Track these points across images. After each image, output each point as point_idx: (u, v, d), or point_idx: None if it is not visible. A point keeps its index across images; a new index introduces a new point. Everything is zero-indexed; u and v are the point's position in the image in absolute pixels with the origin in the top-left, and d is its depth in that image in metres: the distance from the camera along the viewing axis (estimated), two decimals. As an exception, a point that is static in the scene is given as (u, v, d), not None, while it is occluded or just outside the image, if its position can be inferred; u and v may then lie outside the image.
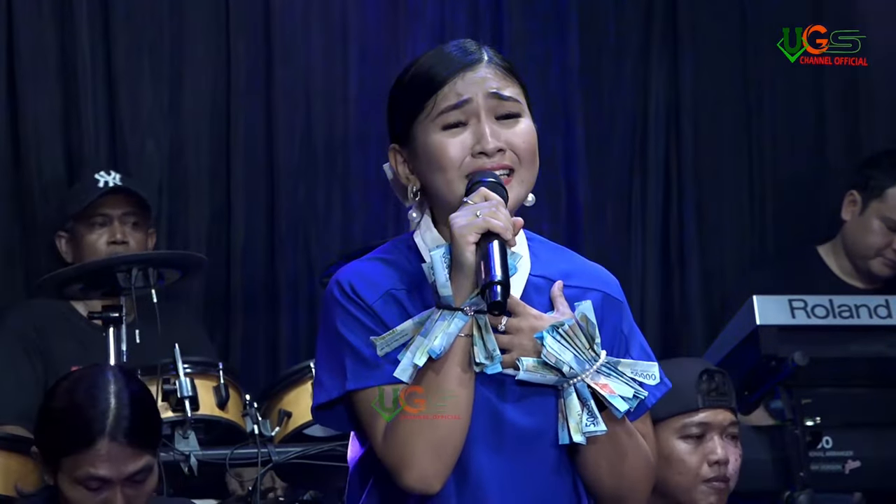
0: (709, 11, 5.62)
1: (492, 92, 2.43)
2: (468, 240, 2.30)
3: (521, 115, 2.45)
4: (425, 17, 5.40)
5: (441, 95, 2.43)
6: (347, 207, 5.36)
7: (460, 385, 2.34)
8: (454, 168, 2.41)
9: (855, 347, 4.25)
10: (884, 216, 4.90)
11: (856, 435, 4.29)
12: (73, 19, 5.14)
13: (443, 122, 2.43)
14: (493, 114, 2.43)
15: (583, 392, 2.37)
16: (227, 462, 4.17)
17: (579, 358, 2.37)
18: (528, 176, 2.45)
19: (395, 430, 2.35)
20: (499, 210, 2.32)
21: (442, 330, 2.31)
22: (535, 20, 5.48)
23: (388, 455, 2.35)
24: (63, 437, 3.25)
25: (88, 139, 5.13)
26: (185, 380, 4.18)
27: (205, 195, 5.30)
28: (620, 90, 5.57)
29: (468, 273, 2.31)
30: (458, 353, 2.33)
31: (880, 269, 4.93)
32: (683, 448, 3.50)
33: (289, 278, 5.29)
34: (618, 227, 5.52)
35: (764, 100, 5.64)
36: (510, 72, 2.47)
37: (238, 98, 5.30)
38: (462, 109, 2.42)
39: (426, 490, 2.35)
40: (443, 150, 2.42)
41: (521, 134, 2.44)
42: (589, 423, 2.37)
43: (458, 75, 2.43)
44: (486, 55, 2.46)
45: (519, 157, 2.43)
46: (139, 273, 4.22)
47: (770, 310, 4.21)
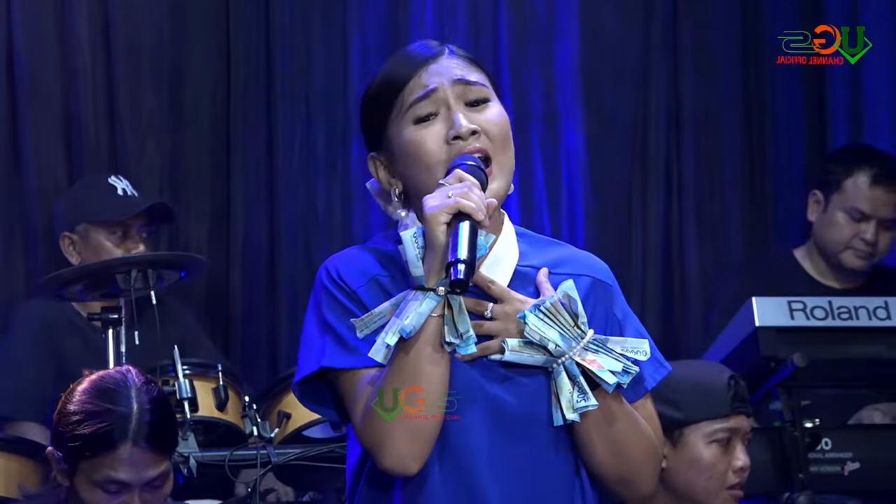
0: (710, 12, 5.61)
1: (457, 78, 2.44)
2: (439, 220, 2.30)
3: (489, 99, 2.45)
4: (425, 19, 5.40)
5: (407, 90, 2.44)
6: (347, 208, 5.37)
7: (432, 364, 2.33)
8: (433, 159, 2.42)
9: (854, 349, 4.24)
10: (845, 208, 4.89)
11: (855, 436, 4.29)
12: (73, 19, 5.15)
13: (413, 115, 2.44)
14: (462, 100, 2.43)
15: (571, 369, 2.37)
16: (227, 463, 4.17)
17: (565, 335, 2.37)
18: (506, 160, 2.45)
19: (370, 411, 2.36)
20: (471, 191, 2.31)
21: (413, 310, 2.31)
22: (536, 23, 5.48)
23: (365, 436, 2.37)
24: (84, 440, 3.23)
25: (89, 140, 5.13)
26: (184, 381, 4.18)
27: (205, 196, 5.30)
28: (621, 92, 5.56)
29: (440, 253, 2.31)
30: (430, 332, 2.32)
31: (853, 261, 4.91)
32: (712, 453, 3.48)
33: (289, 279, 5.30)
34: (618, 230, 5.52)
35: (766, 101, 5.63)
36: (473, 62, 2.48)
37: (238, 98, 5.30)
38: (430, 99, 2.43)
39: (404, 471, 2.36)
40: (419, 143, 2.43)
41: (494, 118, 2.44)
42: (580, 399, 2.36)
43: (422, 68, 2.44)
44: (447, 48, 2.48)
45: (493, 142, 2.43)
46: (139, 274, 4.21)
47: (769, 311, 4.21)
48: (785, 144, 5.63)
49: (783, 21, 5.47)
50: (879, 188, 4.87)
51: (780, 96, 5.62)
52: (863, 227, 4.87)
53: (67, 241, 4.83)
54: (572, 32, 5.51)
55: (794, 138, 5.64)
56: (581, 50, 5.51)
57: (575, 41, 5.51)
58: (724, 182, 5.62)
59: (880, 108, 5.65)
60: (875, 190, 4.87)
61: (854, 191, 4.88)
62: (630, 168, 5.55)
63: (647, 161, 5.55)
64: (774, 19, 5.57)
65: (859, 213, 4.87)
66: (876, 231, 4.87)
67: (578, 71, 5.52)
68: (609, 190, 5.53)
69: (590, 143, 5.50)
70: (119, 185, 4.81)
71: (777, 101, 5.63)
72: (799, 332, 4.20)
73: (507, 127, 2.45)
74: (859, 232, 4.88)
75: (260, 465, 4.14)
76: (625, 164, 5.55)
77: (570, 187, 5.48)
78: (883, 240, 4.90)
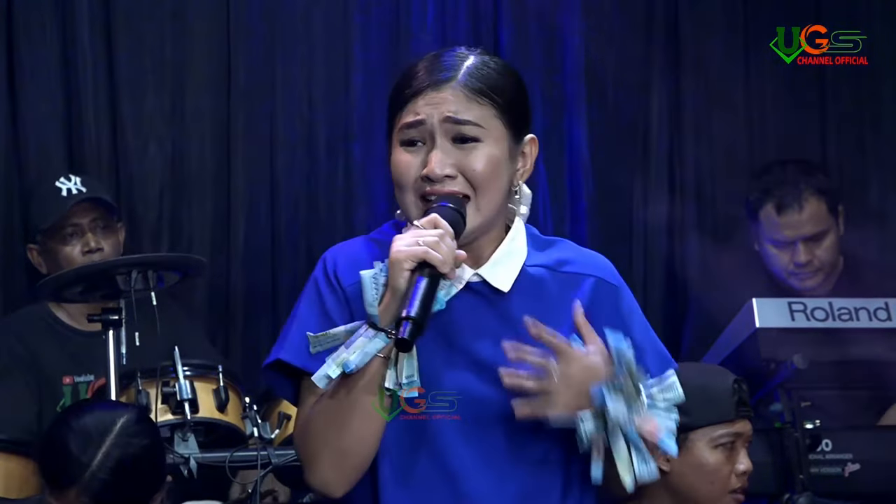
0: (710, 12, 5.60)
1: (447, 115, 2.41)
2: (402, 266, 2.31)
3: (479, 139, 2.43)
4: (426, 21, 5.40)
5: (404, 111, 2.45)
6: (349, 209, 5.36)
7: (368, 403, 2.35)
8: (407, 183, 2.43)
9: (854, 350, 4.24)
10: (769, 239, 4.90)
11: (855, 438, 4.28)
12: (75, 22, 5.15)
13: (401, 137, 2.45)
14: (449, 136, 2.42)
15: (632, 437, 2.37)
16: (227, 465, 4.17)
17: (631, 407, 2.37)
18: (486, 203, 2.43)
19: (306, 427, 2.39)
20: (442, 241, 2.31)
21: (360, 347, 2.33)
22: (537, 23, 5.48)
23: (297, 447, 2.43)
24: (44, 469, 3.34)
25: (90, 143, 5.14)
26: (184, 382, 4.19)
27: (207, 197, 5.30)
28: (623, 90, 5.56)
29: (397, 298, 2.32)
30: (371, 373, 2.35)
31: (804, 283, 4.90)
32: (717, 458, 3.46)
33: (290, 281, 5.29)
34: (620, 228, 5.51)
35: (766, 100, 5.63)
36: (482, 94, 2.44)
37: (239, 99, 5.30)
38: (417, 129, 2.43)
39: (327, 494, 2.39)
40: (397, 166, 2.45)
41: (477, 160, 2.42)
42: (641, 468, 2.37)
43: (421, 95, 2.43)
44: (459, 74, 2.44)
45: (473, 184, 2.42)
46: (139, 276, 4.22)
47: (770, 312, 4.21)
48: (785, 146, 5.61)
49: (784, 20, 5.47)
50: (786, 214, 4.88)
51: (781, 96, 5.61)
52: (791, 253, 4.87)
53: (34, 252, 4.83)
54: (574, 30, 5.50)
55: (794, 140, 5.62)
56: (584, 47, 5.51)
57: (577, 38, 5.51)
58: (727, 180, 5.60)
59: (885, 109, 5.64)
60: (785, 216, 4.88)
61: (768, 222, 4.90)
62: (632, 166, 5.54)
63: (650, 159, 5.54)
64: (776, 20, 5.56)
65: (782, 242, 4.88)
66: (806, 250, 4.88)
67: (582, 68, 5.51)
68: (611, 188, 5.51)
69: (592, 140, 5.49)
70: (65, 186, 4.77)
71: (779, 101, 5.61)
72: (799, 333, 4.20)
73: (492, 169, 2.42)
74: (792, 257, 4.87)
75: (260, 467, 4.14)
76: (627, 162, 5.54)
77: (573, 185, 5.48)
78: (819, 253, 4.89)
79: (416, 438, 2.41)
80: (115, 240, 4.82)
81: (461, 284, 2.43)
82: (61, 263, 4.72)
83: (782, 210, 4.87)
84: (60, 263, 4.72)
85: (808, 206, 4.88)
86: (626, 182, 5.54)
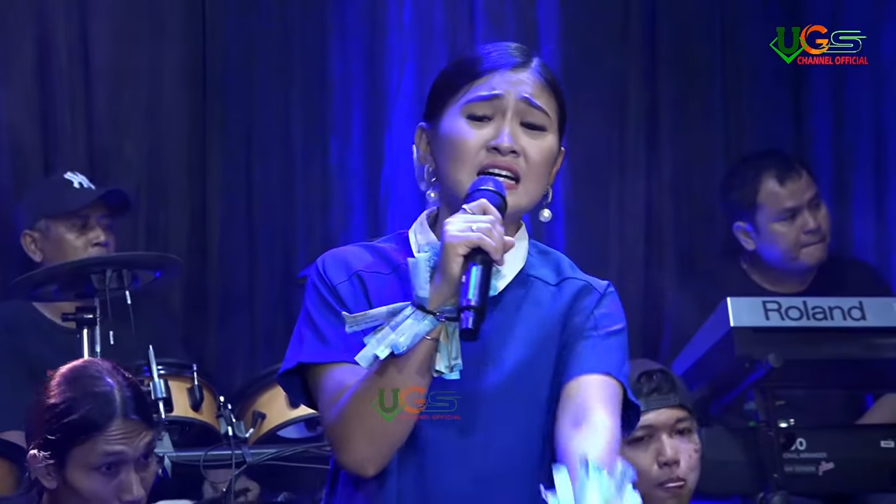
0: (687, 10, 5.61)
1: (524, 96, 2.45)
2: (457, 251, 2.30)
3: (546, 128, 2.47)
4: (402, 20, 5.40)
5: (477, 84, 2.46)
6: (326, 208, 5.36)
7: (414, 384, 2.35)
8: (468, 157, 2.43)
9: (829, 349, 4.25)
10: (775, 216, 4.91)
11: (829, 437, 4.30)
12: (50, 18, 5.14)
13: (470, 110, 2.45)
14: (519, 118, 2.45)
15: None
16: (202, 463, 4.17)
17: None
18: (535, 188, 2.46)
19: (342, 410, 2.38)
20: (495, 228, 2.32)
21: (410, 328, 2.32)
22: (515, 25, 5.48)
23: (331, 432, 2.41)
24: (75, 426, 3.24)
25: (65, 140, 5.13)
26: (159, 381, 4.18)
27: (184, 196, 5.29)
28: (600, 91, 5.56)
29: (450, 281, 2.31)
30: (420, 354, 2.34)
31: (812, 256, 4.92)
32: (632, 453, 3.46)
33: (266, 280, 5.29)
34: (597, 228, 5.52)
35: (742, 99, 5.63)
36: (552, 86, 2.49)
37: (215, 97, 5.30)
38: (491, 103, 2.45)
39: (360, 472, 2.40)
40: (462, 136, 2.45)
41: (539, 146, 2.45)
42: None
43: (499, 71, 2.46)
44: (534, 63, 2.49)
45: (529, 168, 2.44)
46: (113, 274, 4.21)
47: (744, 311, 4.21)
48: (766, 139, 5.62)
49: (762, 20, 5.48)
50: (788, 180, 4.91)
51: (760, 92, 5.62)
52: (800, 222, 4.89)
53: (29, 239, 4.80)
54: (551, 30, 5.51)
55: (773, 138, 5.63)
56: (560, 48, 5.51)
57: (553, 38, 5.51)
58: (705, 178, 5.61)
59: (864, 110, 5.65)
60: (787, 184, 4.91)
61: (772, 198, 4.90)
62: (609, 166, 5.55)
63: (627, 159, 5.55)
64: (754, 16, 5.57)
65: (789, 212, 4.90)
66: (812, 216, 4.90)
67: (559, 69, 5.51)
68: (588, 188, 5.51)
69: (569, 144, 5.48)
70: (75, 180, 4.80)
71: (757, 97, 5.62)
72: (774, 332, 4.21)
73: (549, 159, 2.46)
74: (800, 227, 4.89)
75: (234, 465, 4.14)
76: (604, 165, 5.55)
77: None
78: (820, 220, 4.93)
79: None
80: (115, 237, 4.82)
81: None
82: (66, 252, 4.70)
83: (784, 179, 4.90)
84: (65, 252, 4.70)
85: (802, 171, 4.94)
86: (603, 180, 5.54)
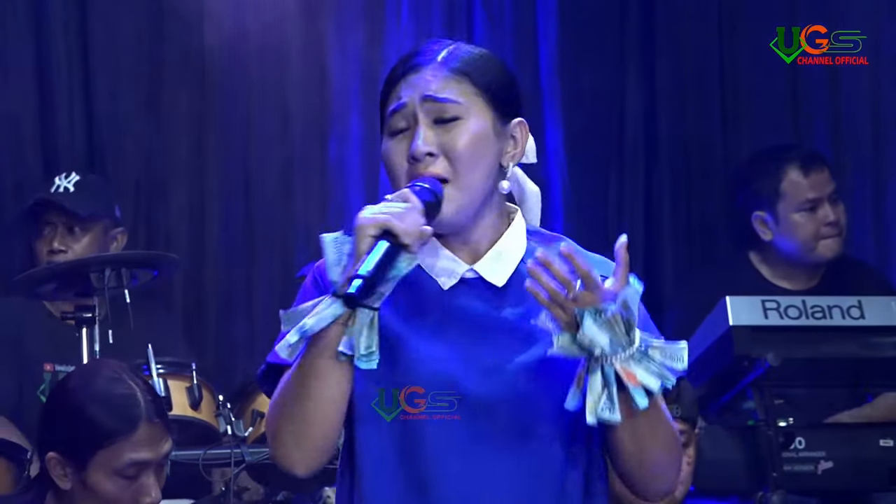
0: (685, 9, 5.61)
1: (426, 95, 2.39)
2: (367, 232, 2.26)
3: (460, 116, 2.39)
4: (401, 19, 5.40)
5: (390, 98, 2.43)
6: (324, 206, 5.36)
7: (327, 371, 2.31)
8: (398, 173, 2.40)
9: (827, 348, 4.25)
10: (797, 206, 4.92)
11: (828, 436, 4.30)
12: (49, 16, 5.14)
13: (389, 127, 2.42)
14: (430, 117, 2.39)
15: (609, 376, 2.29)
16: (201, 462, 4.17)
17: (613, 342, 2.28)
18: (471, 179, 2.39)
19: (271, 407, 2.37)
20: (408, 214, 2.28)
21: (318, 312, 2.28)
22: (513, 24, 5.48)
23: (266, 429, 2.39)
24: (101, 430, 3.20)
25: (64, 138, 5.13)
26: (158, 380, 4.17)
27: (183, 195, 5.29)
28: (598, 90, 5.56)
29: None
30: (331, 338, 2.30)
31: (828, 249, 4.93)
32: None
33: (265, 278, 5.29)
34: (595, 228, 5.52)
35: (740, 97, 5.63)
36: (461, 72, 2.41)
37: (214, 97, 5.30)
38: (401, 114, 2.40)
39: (291, 471, 2.37)
40: (387, 157, 2.42)
41: (458, 137, 2.38)
42: (605, 408, 2.29)
43: (402, 80, 2.42)
44: (438, 57, 2.42)
45: (455, 164, 2.38)
46: (112, 273, 4.21)
47: (743, 310, 4.21)
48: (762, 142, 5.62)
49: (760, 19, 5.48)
50: (812, 171, 4.93)
51: (758, 91, 5.62)
52: (821, 214, 4.90)
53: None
54: (549, 29, 5.51)
55: (771, 137, 5.63)
56: (559, 47, 5.51)
57: (552, 38, 5.51)
58: (703, 183, 5.61)
59: (859, 107, 5.65)
60: (811, 175, 4.92)
61: (795, 188, 4.92)
62: (608, 162, 5.55)
63: (625, 155, 5.55)
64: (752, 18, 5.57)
65: (811, 203, 4.91)
66: (832, 209, 4.91)
67: (557, 67, 5.52)
68: (587, 184, 5.52)
69: (567, 141, 5.50)
70: (56, 183, 4.75)
71: (755, 97, 5.62)
72: (772, 331, 4.21)
73: (477, 143, 2.39)
74: (821, 219, 4.90)
75: (234, 465, 4.14)
76: (602, 162, 5.55)
77: (548, 190, 5.48)
78: (839, 214, 4.94)
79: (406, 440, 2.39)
80: (90, 241, 4.75)
81: (456, 279, 2.41)
82: (35, 256, 4.72)
83: (809, 170, 4.92)
84: (34, 256, 4.72)
85: (825, 166, 4.96)
86: (602, 181, 5.54)
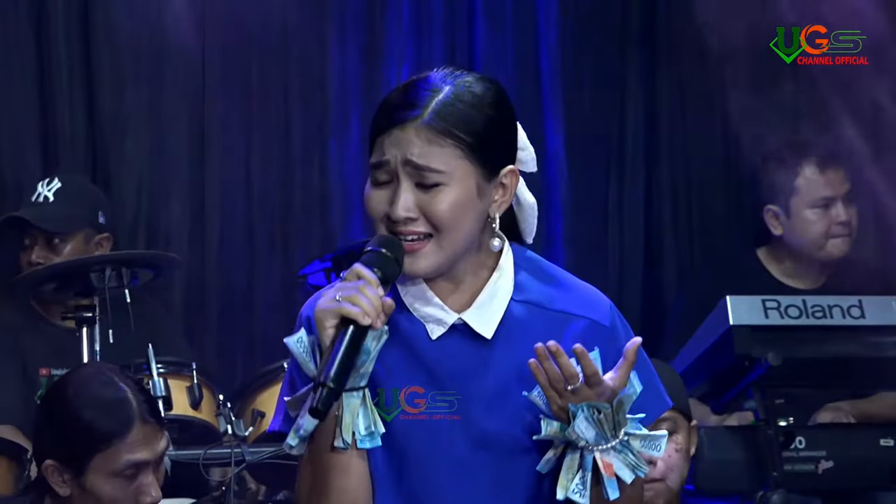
0: (687, 14, 5.61)
1: (408, 159, 2.34)
2: (325, 325, 2.27)
3: (442, 183, 2.34)
4: (402, 19, 5.41)
5: (375, 146, 2.39)
6: (325, 207, 5.36)
7: (338, 461, 2.34)
8: (377, 218, 2.39)
9: (828, 348, 4.23)
10: (810, 203, 4.92)
11: (829, 435, 4.29)
12: (50, 18, 5.15)
13: (371, 176, 2.39)
14: (412, 181, 2.35)
15: (586, 463, 2.34)
16: (201, 462, 4.18)
17: (599, 435, 2.33)
18: (449, 242, 2.36)
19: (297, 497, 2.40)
20: (362, 293, 2.26)
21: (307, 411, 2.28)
22: (514, 23, 5.48)
23: None
24: (96, 435, 3.22)
25: (64, 138, 5.13)
26: (158, 380, 4.19)
27: (184, 195, 5.30)
28: (599, 95, 5.56)
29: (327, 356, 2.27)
30: (329, 430, 2.33)
31: (837, 248, 4.94)
32: None
33: (266, 278, 5.30)
34: (595, 231, 5.52)
35: (741, 97, 5.63)
36: (447, 134, 2.34)
37: (214, 94, 5.30)
38: (384, 169, 2.36)
39: None
40: (369, 202, 2.39)
41: (440, 203, 2.34)
42: (575, 491, 2.33)
43: (387, 132, 2.36)
44: (426, 113, 2.35)
45: (436, 226, 2.35)
46: (113, 273, 4.22)
47: (744, 310, 4.20)
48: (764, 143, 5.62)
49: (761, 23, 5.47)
50: (829, 169, 4.93)
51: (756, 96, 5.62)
52: (833, 212, 4.91)
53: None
54: (550, 29, 5.51)
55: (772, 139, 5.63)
56: (559, 47, 5.51)
57: (552, 37, 5.51)
58: (703, 183, 5.61)
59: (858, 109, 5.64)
60: (827, 173, 4.93)
61: (810, 185, 4.92)
62: (608, 163, 5.55)
63: (625, 163, 5.55)
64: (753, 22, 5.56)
65: (825, 200, 4.91)
66: (845, 209, 4.91)
67: (557, 73, 5.52)
68: (587, 189, 5.52)
69: (568, 141, 5.50)
70: (41, 191, 4.73)
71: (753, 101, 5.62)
72: (773, 330, 4.19)
73: (454, 211, 2.34)
74: (833, 218, 4.90)
75: (234, 464, 4.14)
76: (602, 167, 5.55)
77: (549, 190, 5.48)
78: (852, 214, 4.94)
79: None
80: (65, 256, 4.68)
81: (444, 328, 2.39)
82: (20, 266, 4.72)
83: (825, 167, 4.92)
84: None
85: (841, 165, 4.95)
86: (602, 184, 5.54)
